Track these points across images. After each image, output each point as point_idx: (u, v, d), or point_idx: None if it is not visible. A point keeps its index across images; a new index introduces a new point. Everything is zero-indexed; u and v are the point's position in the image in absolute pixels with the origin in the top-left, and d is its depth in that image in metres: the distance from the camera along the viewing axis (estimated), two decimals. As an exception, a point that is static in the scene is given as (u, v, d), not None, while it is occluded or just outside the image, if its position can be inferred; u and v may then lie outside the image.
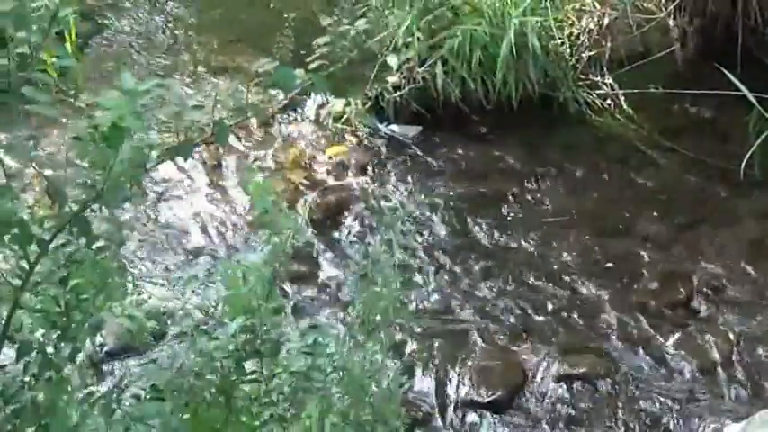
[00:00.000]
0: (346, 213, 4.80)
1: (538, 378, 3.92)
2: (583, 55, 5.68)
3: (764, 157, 4.82)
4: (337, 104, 5.55)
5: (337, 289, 4.34)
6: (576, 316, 4.23)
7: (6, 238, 1.59)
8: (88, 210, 1.61)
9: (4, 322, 1.71)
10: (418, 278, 4.41)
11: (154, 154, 1.64)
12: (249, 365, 2.07)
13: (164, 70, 5.93)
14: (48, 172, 1.67)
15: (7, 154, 1.57)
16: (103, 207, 1.61)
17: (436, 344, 4.03)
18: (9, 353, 1.84)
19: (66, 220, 1.59)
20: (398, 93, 5.42)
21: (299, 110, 5.59)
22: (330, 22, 1.97)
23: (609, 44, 5.65)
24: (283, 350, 2.12)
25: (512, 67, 5.32)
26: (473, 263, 4.51)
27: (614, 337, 4.13)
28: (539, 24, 5.34)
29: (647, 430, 3.74)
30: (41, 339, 1.81)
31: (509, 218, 4.82)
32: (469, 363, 3.95)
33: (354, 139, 5.37)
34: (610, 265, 4.51)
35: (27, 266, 1.66)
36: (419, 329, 4.11)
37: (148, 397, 1.99)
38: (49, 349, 1.82)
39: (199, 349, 2.02)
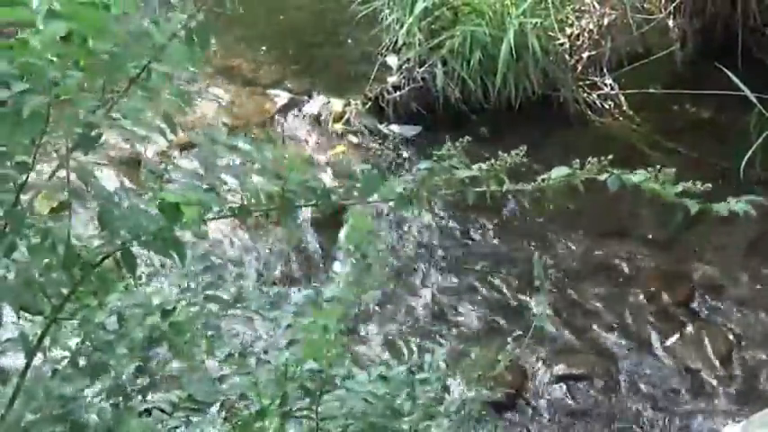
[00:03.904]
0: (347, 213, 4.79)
1: (538, 378, 3.93)
2: (583, 55, 5.68)
3: (765, 157, 4.82)
4: (337, 104, 5.56)
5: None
6: (575, 316, 4.23)
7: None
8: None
9: (38, 336, 1.70)
10: (418, 278, 4.42)
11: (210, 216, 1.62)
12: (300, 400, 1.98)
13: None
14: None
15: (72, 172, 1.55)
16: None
17: (436, 344, 4.03)
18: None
19: (114, 249, 1.58)
20: (398, 93, 5.43)
21: (299, 110, 5.59)
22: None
23: (609, 44, 5.65)
24: (340, 387, 2.03)
25: (512, 68, 5.32)
26: (473, 263, 4.51)
27: (614, 337, 4.13)
28: (539, 25, 5.34)
29: (647, 430, 3.74)
30: (116, 363, 1.80)
31: (509, 218, 4.82)
32: (470, 363, 3.95)
33: (354, 140, 5.37)
34: (610, 265, 4.51)
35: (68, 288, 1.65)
36: (419, 329, 4.11)
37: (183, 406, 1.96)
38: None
39: (246, 371, 1.95)
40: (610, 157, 1.77)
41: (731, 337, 4.10)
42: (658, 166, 1.81)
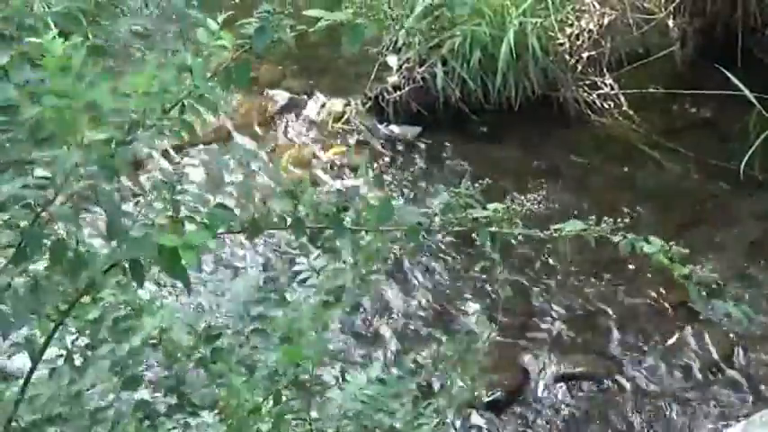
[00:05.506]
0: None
1: (538, 378, 3.92)
2: (583, 55, 5.67)
3: (764, 157, 4.82)
4: (337, 104, 5.56)
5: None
6: (575, 316, 4.23)
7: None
8: None
9: (44, 341, 1.71)
10: (418, 279, 4.41)
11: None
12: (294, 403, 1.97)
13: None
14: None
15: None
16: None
17: (436, 344, 4.03)
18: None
19: (120, 256, 1.58)
20: (398, 93, 5.43)
21: (299, 110, 5.59)
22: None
23: (609, 44, 5.65)
24: (335, 391, 2.03)
25: (512, 68, 5.32)
26: (472, 263, 4.50)
27: (614, 337, 4.13)
28: (539, 25, 5.34)
29: (647, 430, 3.74)
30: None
31: (509, 218, 4.81)
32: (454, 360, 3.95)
33: (354, 139, 5.37)
34: (610, 265, 4.50)
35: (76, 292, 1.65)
36: (420, 329, 4.11)
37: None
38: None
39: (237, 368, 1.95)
40: (627, 220, 1.76)
41: (731, 337, 4.10)
42: (671, 243, 1.81)
